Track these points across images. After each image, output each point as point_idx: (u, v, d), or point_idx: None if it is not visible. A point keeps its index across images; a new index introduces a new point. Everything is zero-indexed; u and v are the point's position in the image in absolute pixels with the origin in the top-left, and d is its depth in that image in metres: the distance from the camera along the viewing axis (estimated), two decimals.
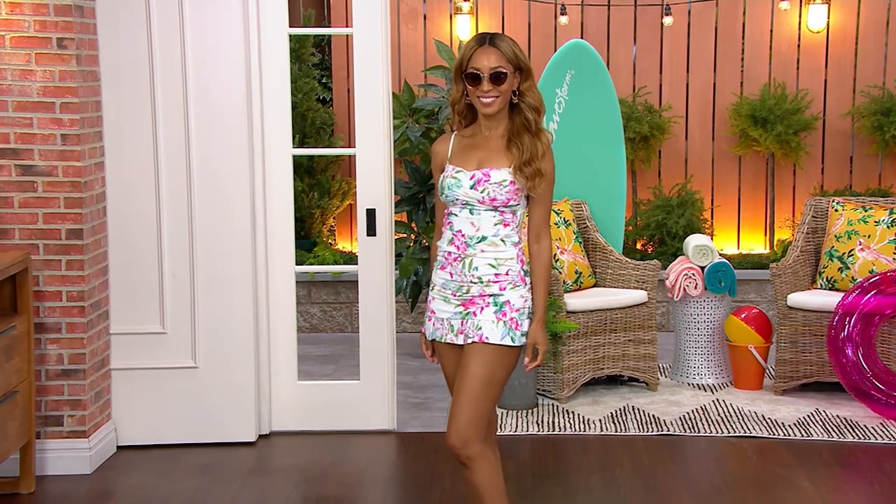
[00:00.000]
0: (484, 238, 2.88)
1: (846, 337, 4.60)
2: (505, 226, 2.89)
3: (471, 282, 2.88)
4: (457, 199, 2.88)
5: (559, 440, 4.35)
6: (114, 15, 4.05)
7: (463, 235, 2.89)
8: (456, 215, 2.90)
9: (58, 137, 3.87)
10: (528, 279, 2.93)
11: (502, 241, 2.88)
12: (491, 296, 2.88)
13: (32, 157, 3.87)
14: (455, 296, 2.91)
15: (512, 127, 2.91)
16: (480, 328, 2.86)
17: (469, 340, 2.88)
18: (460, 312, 2.90)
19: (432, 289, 2.97)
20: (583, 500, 3.76)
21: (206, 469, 4.05)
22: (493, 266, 2.87)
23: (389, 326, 4.37)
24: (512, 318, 2.87)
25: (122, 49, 4.07)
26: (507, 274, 2.88)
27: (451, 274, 2.90)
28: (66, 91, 3.85)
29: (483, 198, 2.86)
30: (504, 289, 2.88)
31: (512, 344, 2.87)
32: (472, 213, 2.88)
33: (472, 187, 2.86)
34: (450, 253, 2.91)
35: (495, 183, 2.86)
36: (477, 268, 2.87)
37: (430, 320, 2.97)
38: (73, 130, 3.87)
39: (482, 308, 2.88)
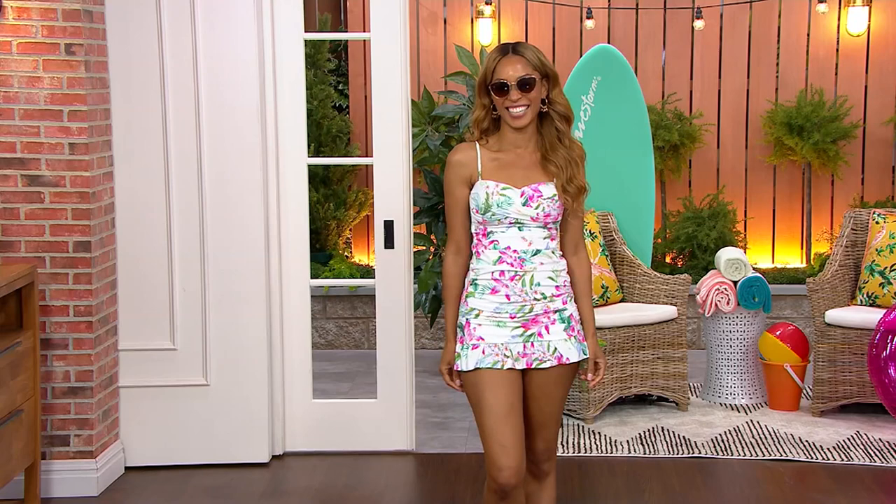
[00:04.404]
0: (539, 251, 2.82)
1: (888, 356, 4.44)
2: (552, 240, 2.86)
3: (534, 299, 2.81)
4: (506, 217, 2.80)
5: (585, 462, 4.24)
6: (124, 20, 3.99)
7: (515, 251, 2.80)
8: (502, 233, 2.81)
9: (65, 146, 3.80)
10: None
11: (553, 252, 2.85)
12: (556, 311, 2.83)
13: (39, 166, 3.81)
14: (514, 318, 2.81)
15: (543, 141, 2.83)
16: (556, 349, 2.83)
17: (545, 364, 2.82)
18: (520, 335, 2.81)
19: (476, 316, 2.83)
20: None
21: (218, 491, 3.97)
22: (553, 279, 2.84)
23: (408, 343, 4.29)
24: (579, 331, 2.88)
25: (133, 55, 4.01)
26: (564, 285, 2.86)
27: (507, 296, 2.80)
28: (75, 98, 3.78)
29: (537, 214, 2.80)
30: (566, 302, 2.86)
31: (584, 357, 2.89)
32: (520, 230, 2.81)
33: (524, 204, 2.79)
34: (503, 272, 2.80)
35: (548, 198, 2.81)
36: (539, 283, 2.81)
37: (475, 348, 2.80)
38: (82, 139, 3.80)
39: (547, 326, 2.82)
